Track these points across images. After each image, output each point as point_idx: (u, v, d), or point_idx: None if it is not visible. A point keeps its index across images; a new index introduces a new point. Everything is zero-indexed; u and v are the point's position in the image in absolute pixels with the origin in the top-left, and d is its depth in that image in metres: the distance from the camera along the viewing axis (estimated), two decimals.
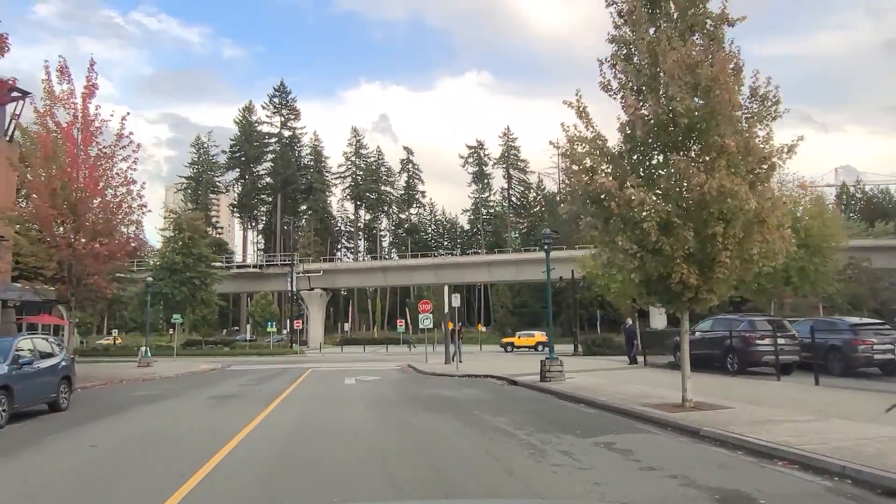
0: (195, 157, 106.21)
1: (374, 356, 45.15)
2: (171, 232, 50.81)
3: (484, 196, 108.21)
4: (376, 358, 41.46)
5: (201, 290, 50.15)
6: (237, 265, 66.43)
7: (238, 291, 71.75)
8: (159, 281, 48.74)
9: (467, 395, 16.04)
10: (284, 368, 29.61)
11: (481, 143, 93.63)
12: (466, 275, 62.82)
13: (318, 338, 66.66)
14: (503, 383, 19.97)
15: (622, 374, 21.53)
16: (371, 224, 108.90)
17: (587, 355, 35.41)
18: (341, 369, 28.42)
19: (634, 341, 25.95)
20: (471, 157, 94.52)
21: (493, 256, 63.33)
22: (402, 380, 22.39)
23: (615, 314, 73.43)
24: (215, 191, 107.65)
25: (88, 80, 22.65)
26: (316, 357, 44.43)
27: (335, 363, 34.07)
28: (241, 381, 22.65)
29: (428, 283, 67.99)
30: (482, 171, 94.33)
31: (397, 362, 33.16)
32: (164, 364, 33.38)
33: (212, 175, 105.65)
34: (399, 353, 49.78)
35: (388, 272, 64.56)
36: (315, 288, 66.51)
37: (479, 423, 11.15)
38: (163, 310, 51.20)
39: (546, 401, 14.99)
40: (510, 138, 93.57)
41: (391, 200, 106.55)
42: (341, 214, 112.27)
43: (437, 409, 13.29)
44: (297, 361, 37.33)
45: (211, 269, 51.49)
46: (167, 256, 49.71)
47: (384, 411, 12.95)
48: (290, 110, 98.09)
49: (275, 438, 10.01)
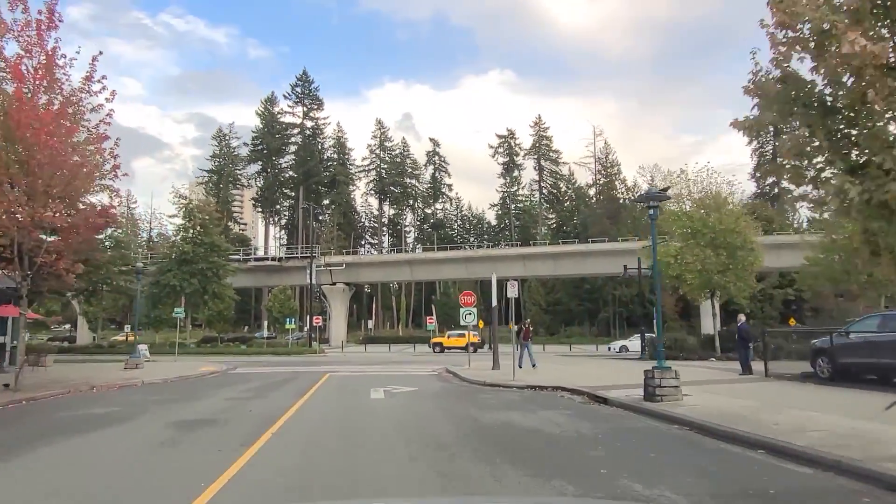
0: (216, 150, 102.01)
1: (402, 357, 39.75)
2: (181, 219, 45.83)
3: (512, 190, 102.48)
4: (404, 359, 36.06)
5: (214, 282, 45.16)
6: (255, 258, 61.57)
7: (256, 286, 66.91)
8: (168, 272, 43.91)
9: (558, 426, 10.44)
10: (297, 372, 24.29)
11: (512, 133, 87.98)
12: (499, 269, 56.86)
13: (340, 336, 61.53)
14: (586, 400, 14.30)
15: (747, 388, 15.69)
16: (396, 219, 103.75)
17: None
18: (365, 374, 23.02)
19: (752, 344, 19.89)
20: (500, 146, 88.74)
21: (529, 249, 57.60)
22: (446, 392, 16.85)
23: (669, 310, 67.23)
24: (237, 184, 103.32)
25: (48, 7, 17.46)
26: (336, 357, 39.14)
27: (358, 366, 28.68)
28: (237, 391, 17.30)
29: (457, 278, 62.58)
30: (512, 162, 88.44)
31: (431, 365, 27.72)
32: (161, 366, 28.25)
33: (233, 168, 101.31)
34: (428, 353, 44.29)
35: (414, 266, 59.16)
36: (337, 282, 61.37)
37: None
38: (171, 304, 46.33)
39: (693, 441, 9.30)
40: (541, 128, 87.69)
41: (416, 194, 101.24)
42: (365, 209, 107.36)
43: (530, 460, 7.69)
44: (314, 363, 32.02)
45: (224, 261, 46.45)
46: (178, 246, 44.81)
47: (441, 466, 7.37)
48: (312, 100, 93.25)
49: None
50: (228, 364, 29.75)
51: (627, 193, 76.18)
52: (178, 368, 25.90)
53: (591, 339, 64.68)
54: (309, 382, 19.49)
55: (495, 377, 19.76)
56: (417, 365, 29.70)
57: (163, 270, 44.26)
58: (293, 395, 15.90)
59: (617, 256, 55.30)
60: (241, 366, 29.74)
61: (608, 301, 68.46)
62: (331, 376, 22.11)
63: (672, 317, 67.99)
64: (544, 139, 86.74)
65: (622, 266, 56.96)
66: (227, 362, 31.61)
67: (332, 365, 29.48)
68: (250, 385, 19.01)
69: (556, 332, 72.53)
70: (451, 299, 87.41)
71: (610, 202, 74.54)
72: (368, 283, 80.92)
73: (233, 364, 30.31)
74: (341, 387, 18.39)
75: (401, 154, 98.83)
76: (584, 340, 64.82)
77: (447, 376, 21.89)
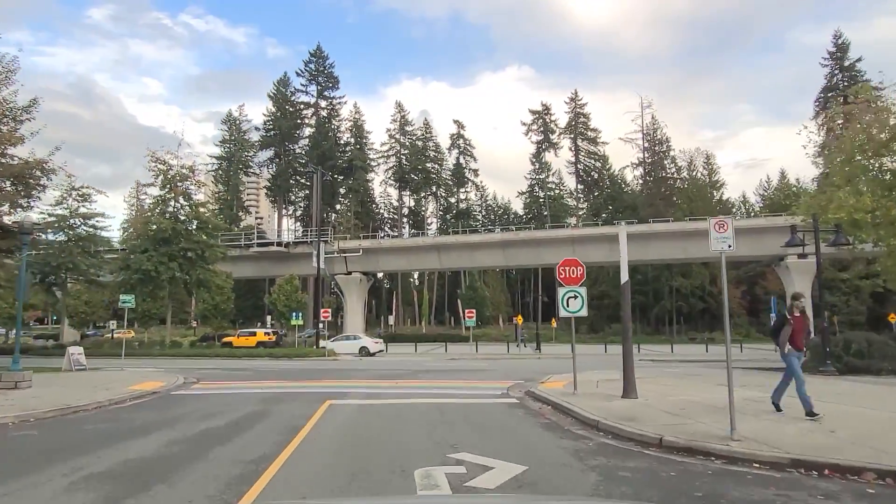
0: (226, 135, 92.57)
1: (435, 361, 29.65)
2: (159, 189, 35.97)
3: (542, 177, 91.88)
4: (439, 364, 25.89)
5: (199, 267, 35.30)
6: (258, 243, 51.62)
7: (261, 276, 57.07)
8: (142, 253, 34.12)
9: None
10: (281, 396, 14.23)
11: (547, 107, 77.13)
12: (545, 255, 46.71)
13: (357, 332, 51.49)
14: None
15: None
16: (417, 209, 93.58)
17: (846, 374, 17.46)
18: (393, 403, 12.87)
19: None
20: (534, 123, 78.07)
21: (580, 231, 47.06)
22: (612, 486, 6.54)
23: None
24: (248, 171, 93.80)
25: None
26: (350, 363, 29.08)
27: (378, 381, 18.51)
28: (80, 472, 7.14)
29: (493, 266, 52.38)
30: (547, 140, 77.66)
31: (486, 378, 17.65)
32: (82, 379, 18.32)
33: (243, 154, 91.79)
34: (464, 354, 34.12)
35: (443, 251, 48.88)
36: (353, 271, 51.35)
37: None
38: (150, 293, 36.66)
39: None
40: (578, 104, 76.84)
41: (439, 181, 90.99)
42: (384, 200, 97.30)
43: None
44: (317, 373, 21.91)
45: (212, 240, 36.56)
46: (154, 221, 35.04)
47: None
48: (327, 78, 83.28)
49: None
50: (194, 375, 19.88)
51: (679, 174, 65.50)
52: (96, 384, 15.96)
53: (646, 338, 53.98)
54: (284, 432, 9.35)
55: (648, 416, 9.48)
56: (465, 377, 19.52)
57: (133, 251, 34.46)
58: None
59: (686, 239, 44.81)
60: (209, 377, 19.82)
61: (662, 294, 57.80)
62: (332, 409, 11.98)
63: (738, 312, 57.22)
64: (581, 116, 76.01)
65: (689, 250, 46.58)
66: (199, 372, 21.77)
67: (342, 380, 19.35)
68: (164, 439, 8.92)
69: (599, 329, 61.90)
70: (476, 294, 77.21)
71: (657, 183, 63.95)
72: (389, 272, 70.90)
73: (202, 375, 20.45)
74: (352, 445, 8.25)
75: (423, 137, 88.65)
76: (636, 339, 54.19)
77: (547, 412, 11.60)
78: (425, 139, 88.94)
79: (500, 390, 15.27)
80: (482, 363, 27.57)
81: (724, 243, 8.22)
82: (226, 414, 11.37)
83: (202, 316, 47.41)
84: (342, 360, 31.22)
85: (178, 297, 41.54)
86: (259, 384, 17.48)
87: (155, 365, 26.33)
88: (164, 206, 35.25)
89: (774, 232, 43.58)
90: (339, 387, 16.25)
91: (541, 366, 25.50)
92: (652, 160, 64.43)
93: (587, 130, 76.44)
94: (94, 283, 36.23)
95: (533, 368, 23.43)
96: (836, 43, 66.85)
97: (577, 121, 76.20)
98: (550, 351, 38.85)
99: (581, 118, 76.47)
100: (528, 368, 23.57)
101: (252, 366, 26.32)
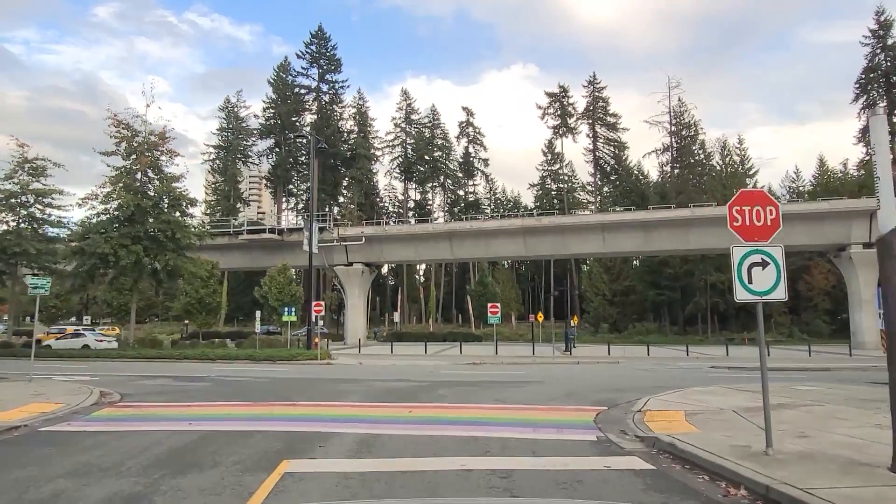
0: (223, 123, 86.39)
1: (451, 363, 23.34)
2: (122, 159, 29.54)
3: (555, 168, 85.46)
4: (465, 374, 19.43)
5: (169, 252, 29.00)
6: (248, 229, 45.25)
7: (252, 267, 50.73)
8: (100, 234, 27.89)
9: None
10: (206, 441, 7.85)
11: (565, 89, 70.38)
12: (569, 243, 40.31)
13: (359, 331, 45.27)
14: None
15: None
16: (423, 201, 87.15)
17: None
18: (410, 458, 6.49)
19: None
20: (551, 106, 71.39)
21: (611, 216, 40.53)
22: None
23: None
24: (247, 162, 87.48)
25: None
26: (348, 368, 22.73)
27: (382, 407, 12.14)
28: None
29: (514, 256, 46.11)
30: (565, 124, 70.92)
31: (547, 402, 11.26)
32: None
33: (242, 143, 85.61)
34: (483, 356, 27.82)
35: (455, 240, 42.46)
36: (354, 262, 45.03)
37: None
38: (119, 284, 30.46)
39: None
40: (596, 87, 70.17)
41: (447, 171, 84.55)
42: (389, 193, 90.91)
43: None
44: (294, 388, 15.50)
45: (185, 220, 30.27)
46: (114, 196, 28.75)
47: None
48: (328, 60, 76.81)
49: None
50: (124, 389, 13.72)
51: (708, 160, 58.91)
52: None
53: (675, 339, 47.48)
54: None
55: None
56: (509, 396, 13.14)
57: (89, 231, 28.13)
58: None
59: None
60: (141, 394, 13.56)
61: (693, 290, 51.31)
62: (287, 492, 5.60)
63: (779, 310, 50.66)
64: (600, 101, 69.39)
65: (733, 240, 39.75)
66: (136, 384, 15.61)
67: (327, 401, 13.04)
68: None
69: (623, 327, 55.43)
70: (487, 290, 70.84)
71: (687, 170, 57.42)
72: (395, 263, 64.39)
73: (137, 389, 14.26)
74: None
75: (430, 124, 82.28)
76: (664, 339, 47.69)
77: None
78: (433, 126, 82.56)
79: (585, 428, 8.95)
80: (516, 371, 21.20)
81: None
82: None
83: (185, 311, 41.08)
84: (337, 364, 24.91)
85: (169, 292, 35.41)
86: (199, 409, 11.16)
87: (93, 371, 20.05)
88: (127, 178, 28.87)
89: (835, 218, 37.15)
90: (318, 418, 9.90)
91: (597, 376, 19.15)
92: (679, 145, 57.92)
93: (606, 115, 69.80)
94: (48, 270, 29.92)
95: (592, 381, 17.12)
96: (878, 20, 60.26)
97: (596, 105, 69.58)
98: (580, 353, 32.49)
99: (600, 102, 69.86)
100: (584, 380, 17.26)
101: (219, 372, 19.98)
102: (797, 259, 52.18)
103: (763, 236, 6.48)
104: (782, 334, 48.15)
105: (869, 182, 48.27)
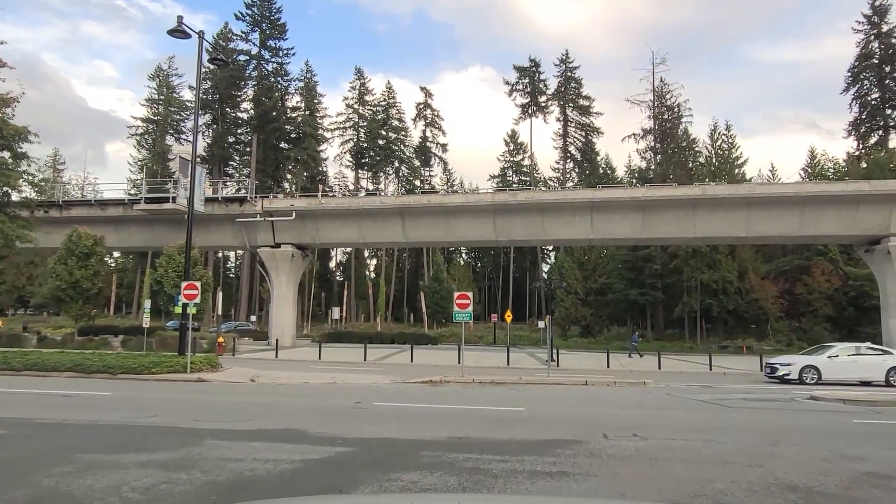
0: (154, 94, 74.66)
1: (397, 378, 13.82)
2: None
3: (517, 159, 77.16)
4: (406, 407, 9.97)
5: None
6: (147, 197, 34.27)
7: (153, 246, 39.80)
8: None
9: None
10: None
11: (536, 63, 61.64)
12: (551, 227, 31.44)
13: (286, 329, 35.27)
14: None
15: None
16: (375, 191, 77.23)
17: None
18: None
19: None
20: (519, 82, 62.59)
21: (603, 193, 31.53)
22: None
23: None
24: (180, 138, 75.80)
25: None
26: (221, 391, 13.01)
27: None
28: None
29: (481, 241, 36.94)
30: (535, 103, 62.19)
31: None
32: None
33: (173, 117, 74.10)
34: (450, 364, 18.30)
35: (409, 218, 32.92)
36: (283, 243, 35.02)
37: None
38: None
39: None
40: (568, 67, 61.82)
41: (402, 157, 75.02)
42: (339, 182, 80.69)
43: None
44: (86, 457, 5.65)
45: (14, 163, 19.82)
46: None
47: None
48: (271, 24, 66.09)
49: None
50: None
51: (692, 146, 51.30)
52: None
53: (658, 345, 38.88)
54: None
55: None
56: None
57: None
58: None
59: (748, 209, 30.30)
60: None
61: (679, 290, 43.24)
62: None
63: (775, 314, 43.10)
64: (573, 81, 61.14)
65: (754, 225, 31.70)
66: None
67: None
68: None
69: (598, 331, 47.02)
70: (442, 286, 61.70)
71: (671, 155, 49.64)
72: (333, 245, 54.30)
73: None
74: None
75: (384, 104, 72.64)
76: (645, 346, 39.07)
77: None
78: (388, 106, 72.89)
79: None
80: (504, 399, 11.83)
81: None
82: None
83: (55, 298, 30.28)
84: (213, 381, 15.15)
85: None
86: None
87: None
88: None
89: (873, 203, 29.36)
90: None
91: (684, 423, 9.90)
92: (662, 129, 50.17)
93: (579, 98, 61.53)
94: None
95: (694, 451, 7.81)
96: (872, 5, 54.05)
97: (568, 86, 61.23)
98: (564, 364, 23.53)
99: (572, 83, 61.51)
100: (684, 449, 7.94)
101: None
102: (795, 257, 44.90)
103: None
104: (780, 342, 40.56)
105: (876, 172, 41.39)
